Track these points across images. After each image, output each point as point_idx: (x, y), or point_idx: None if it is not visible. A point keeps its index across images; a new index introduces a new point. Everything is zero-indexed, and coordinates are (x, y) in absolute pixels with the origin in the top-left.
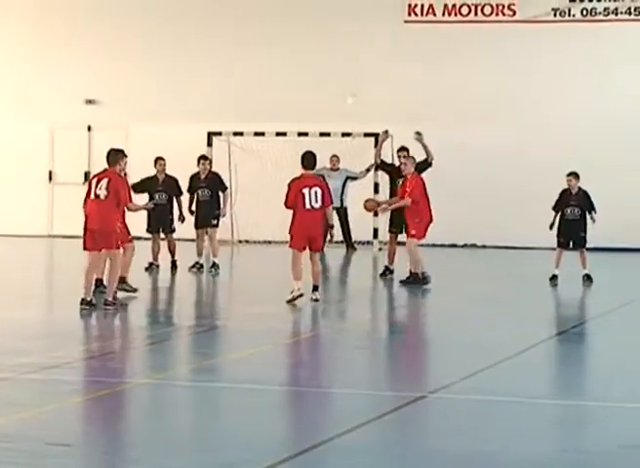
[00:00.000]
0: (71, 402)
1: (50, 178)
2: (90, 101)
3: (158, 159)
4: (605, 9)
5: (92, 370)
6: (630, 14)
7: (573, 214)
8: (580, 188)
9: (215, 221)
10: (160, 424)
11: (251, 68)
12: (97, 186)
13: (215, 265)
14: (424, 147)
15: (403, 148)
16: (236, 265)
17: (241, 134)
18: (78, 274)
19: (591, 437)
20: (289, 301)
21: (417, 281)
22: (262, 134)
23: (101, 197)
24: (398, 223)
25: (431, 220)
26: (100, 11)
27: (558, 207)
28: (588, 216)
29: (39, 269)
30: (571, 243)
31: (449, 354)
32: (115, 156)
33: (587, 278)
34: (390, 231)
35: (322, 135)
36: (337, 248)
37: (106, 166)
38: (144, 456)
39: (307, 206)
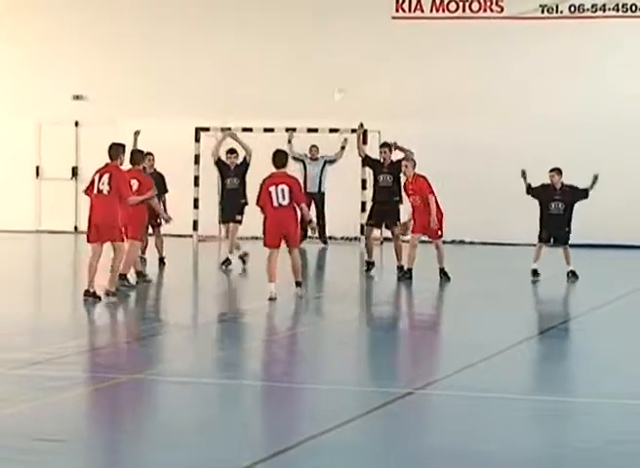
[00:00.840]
0: (61, 397)
1: (37, 174)
2: (77, 97)
3: (147, 154)
4: (593, 5)
5: (84, 364)
6: (618, 10)
7: (557, 208)
8: (563, 184)
9: (239, 217)
10: (150, 420)
11: (239, 65)
12: (99, 181)
13: (227, 261)
14: (402, 150)
15: (385, 144)
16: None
17: (229, 129)
18: (70, 268)
19: (579, 432)
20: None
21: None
22: (250, 129)
23: (104, 192)
24: (381, 217)
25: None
26: (88, 6)
27: (540, 200)
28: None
29: (31, 264)
30: (552, 239)
31: (437, 350)
32: (117, 150)
33: (572, 274)
34: (369, 224)
35: (310, 131)
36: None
37: (108, 160)
38: (134, 453)
39: (275, 203)
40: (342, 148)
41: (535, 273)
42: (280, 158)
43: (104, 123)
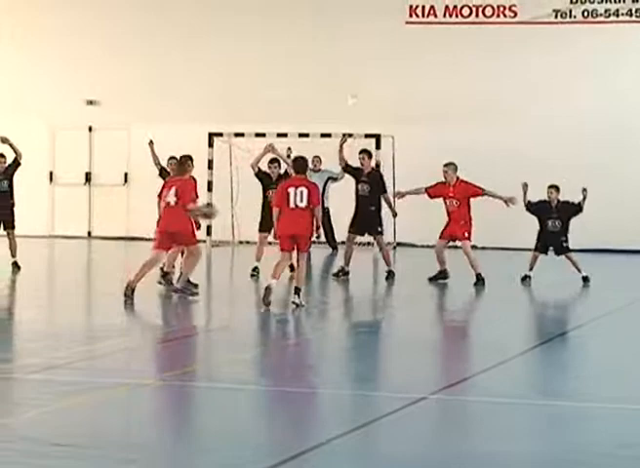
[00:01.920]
0: (77, 401)
1: (50, 179)
2: (91, 102)
3: (171, 158)
4: (606, 10)
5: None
6: (632, 15)
7: (554, 225)
8: (559, 200)
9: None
10: (159, 425)
11: (252, 69)
12: (167, 194)
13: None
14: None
15: (364, 151)
16: (236, 266)
17: (242, 135)
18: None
19: (589, 437)
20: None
21: (481, 280)
22: (263, 135)
23: (172, 203)
24: (362, 226)
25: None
26: (101, 11)
27: (539, 216)
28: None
29: (47, 269)
30: (551, 248)
31: (449, 355)
32: (184, 164)
33: (585, 280)
34: (350, 232)
35: (323, 136)
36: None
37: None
38: (142, 457)
39: (292, 204)
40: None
41: (526, 278)
42: (301, 164)
43: (118, 128)
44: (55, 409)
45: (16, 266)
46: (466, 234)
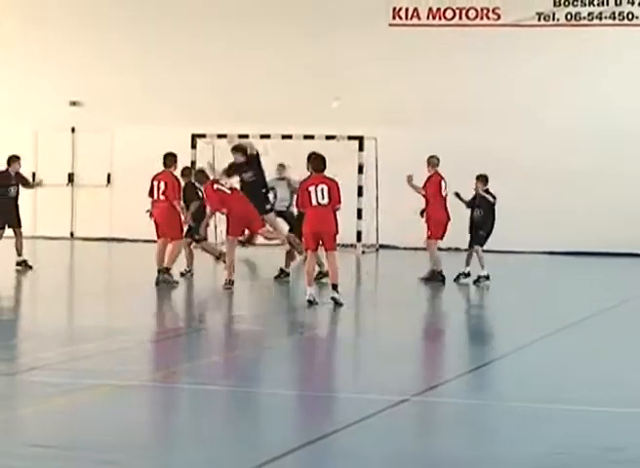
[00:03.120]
0: (58, 402)
1: (33, 180)
2: (74, 103)
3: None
4: (589, 13)
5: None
6: (614, 18)
7: (477, 214)
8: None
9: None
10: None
11: (235, 71)
12: (157, 188)
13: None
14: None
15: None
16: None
17: (225, 136)
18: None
19: (575, 440)
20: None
21: (435, 278)
22: (247, 136)
23: (161, 198)
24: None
25: (448, 219)
26: (86, 13)
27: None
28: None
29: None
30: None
31: (434, 357)
32: (171, 159)
33: (483, 279)
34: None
35: (306, 137)
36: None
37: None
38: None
39: (314, 202)
40: None
41: (459, 277)
42: (319, 162)
43: (101, 130)
44: (35, 410)
45: (26, 265)
46: (429, 232)
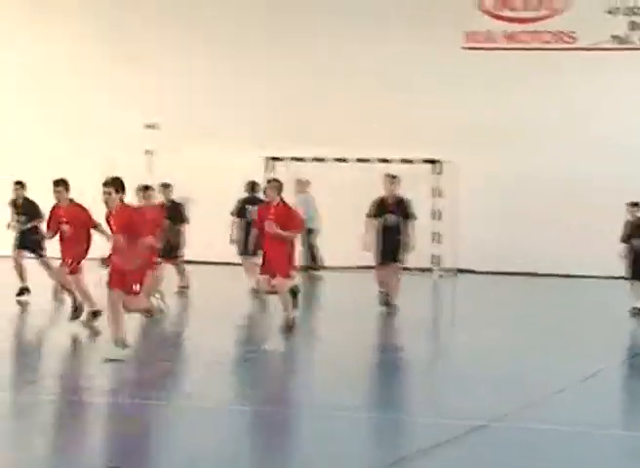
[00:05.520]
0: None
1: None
2: (150, 126)
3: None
4: None
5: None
6: None
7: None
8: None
9: None
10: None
11: (310, 93)
12: None
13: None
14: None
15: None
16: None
17: (301, 159)
18: None
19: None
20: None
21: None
22: (322, 159)
23: None
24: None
25: None
26: (159, 34)
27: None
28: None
29: None
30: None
31: (507, 383)
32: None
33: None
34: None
35: (381, 161)
36: None
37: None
38: None
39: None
40: None
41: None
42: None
43: (174, 151)
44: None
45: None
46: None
